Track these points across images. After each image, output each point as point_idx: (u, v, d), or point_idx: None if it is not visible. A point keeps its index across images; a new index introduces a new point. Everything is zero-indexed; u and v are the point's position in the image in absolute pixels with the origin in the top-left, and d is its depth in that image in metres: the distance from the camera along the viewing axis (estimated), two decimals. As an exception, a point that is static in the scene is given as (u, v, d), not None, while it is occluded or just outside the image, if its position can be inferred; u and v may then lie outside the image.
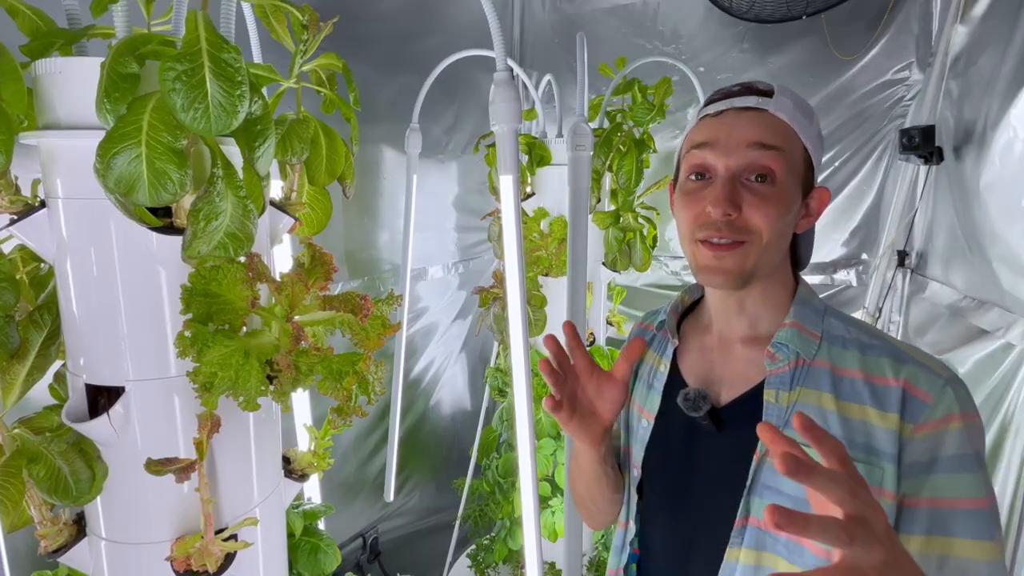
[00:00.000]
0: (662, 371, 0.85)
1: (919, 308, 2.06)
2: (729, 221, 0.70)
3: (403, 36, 2.21)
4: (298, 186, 0.94)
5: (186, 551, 0.76)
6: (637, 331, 0.95)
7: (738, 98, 0.74)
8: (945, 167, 1.90)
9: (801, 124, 0.72)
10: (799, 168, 0.73)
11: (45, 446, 0.75)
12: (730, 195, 0.70)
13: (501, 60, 1.04)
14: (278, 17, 0.86)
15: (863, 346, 0.72)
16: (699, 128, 0.76)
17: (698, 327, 0.86)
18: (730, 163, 0.72)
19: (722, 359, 0.80)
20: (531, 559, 1.26)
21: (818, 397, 0.71)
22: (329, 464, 0.98)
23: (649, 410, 0.85)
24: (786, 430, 0.70)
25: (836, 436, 0.63)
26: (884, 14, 2.12)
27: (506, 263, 1.18)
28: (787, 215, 0.72)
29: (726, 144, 0.72)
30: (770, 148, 0.71)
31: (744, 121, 0.72)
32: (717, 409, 0.77)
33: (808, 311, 0.76)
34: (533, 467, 1.22)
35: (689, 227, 0.75)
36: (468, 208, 2.71)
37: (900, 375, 0.68)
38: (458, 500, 2.37)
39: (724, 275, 0.72)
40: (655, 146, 2.07)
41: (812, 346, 0.73)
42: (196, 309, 0.71)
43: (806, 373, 0.72)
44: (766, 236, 0.71)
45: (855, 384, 0.70)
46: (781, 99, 0.73)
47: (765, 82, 0.75)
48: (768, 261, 0.73)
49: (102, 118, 0.62)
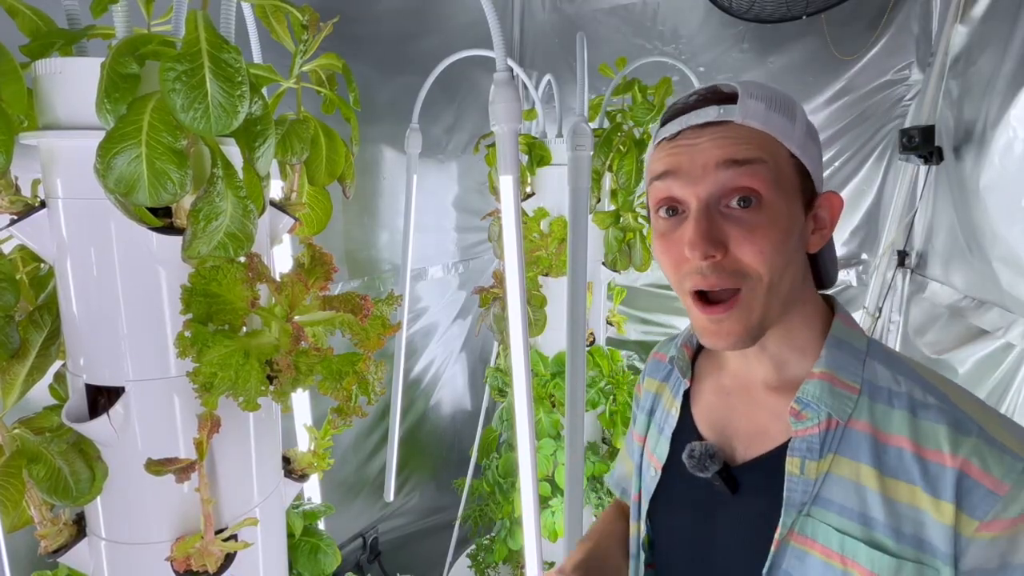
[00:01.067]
0: (673, 415, 0.73)
1: (919, 308, 2.06)
2: (715, 264, 0.57)
3: (403, 36, 2.20)
4: (298, 186, 0.94)
5: (186, 551, 0.76)
6: (651, 365, 0.83)
7: (694, 112, 0.60)
8: (945, 167, 1.90)
9: (780, 126, 0.59)
10: (789, 179, 0.59)
11: (45, 446, 0.75)
12: (707, 232, 0.57)
13: (501, 60, 1.04)
14: (278, 17, 0.86)
15: (915, 405, 0.56)
16: (656, 156, 0.63)
17: (714, 364, 0.73)
18: (700, 191, 0.58)
19: (742, 406, 0.67)
20: (531, 559, 1.26)
21: (855, 470, 0.56)
22: (329, 464, 0.98)
23: (658, 457, 0.73)
24: (814, 508, 0.57)
25: (879, 523, 0.54)
26: (884, 14, 2.12)
27: (506, 263, 1.18)
28: (788, 241, 0.58)
29: (690, 170, 0.59)
30: (745, 163, 0.57)
31: (707, 140, 0.58)
32: (731, 468, 0.64)
33: (845, 355, 0.60)
34: (533, 467, 1.22)
35: (674, 277, 0.62)
36: (468, 208, 2.71)
37: (959, 451, 0.52)
38: (458, 500, 2.36)
39: (727, 338, 0.59)
40: (655, 146, 2.07)
41: (848, 403, 0.58)
42: (196, 309, 0.71)
43: (841, 436, 0.58)
44: (767, 276, 0.57)
45: (903, 456, 0.55)
46: (748, 103, 0.58)
47: (728, 84, 0.61)
48: (778, 303, 0.59)
49: (102, 118, 0.62)
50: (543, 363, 2.00)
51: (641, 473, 0.77)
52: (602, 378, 2.02)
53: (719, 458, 0.64)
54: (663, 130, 0.63)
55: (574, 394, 1.39)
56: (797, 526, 0.58)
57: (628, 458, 0.87)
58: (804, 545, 0.58)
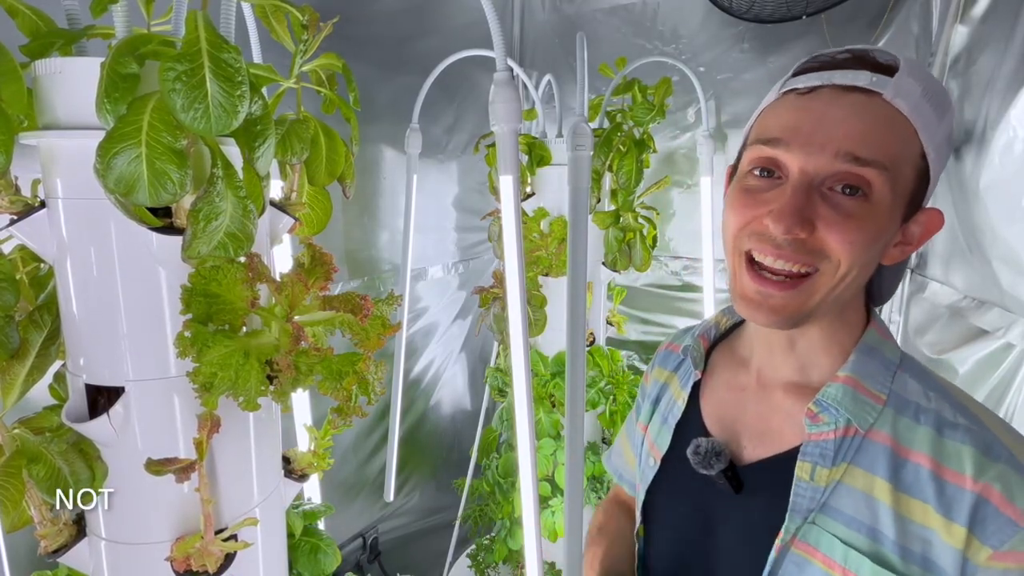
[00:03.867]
0: (679, 405, 0.70)
1: (919, 308, 2.06)
2: (797, 241, 0.52)
3: (403, 36, 2.20)
4: (298, 186, 0.94)
5: (186, 551, 0.76)
6: (662, 354, 0.81)
7: (842, 71, 0.52)
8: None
9: (927, 119, 0.52)
10: (906, 184, 0.53)
11: (45, 446, 0.75)
12: (800, 209, 0.51)
13: (501, 60, 1.04)
14: (278, 17, 0.86)
15: (942, 423, 0.53)
16: (776, 110, 0.56)
17: (733, 359, 0.69)
18: (808, 165, 0.52)
19: (756, 405, 0.64)
20: (531, 559, 1.26)
21: (868, 482, 0.54)
22: (329, 464, 0.98)
23: (659, 448, 0.71)
24: (819, 516, 0.55)
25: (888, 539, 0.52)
26: (884, 14, 2.11)
27: (506, 263, 1.18)
28: (876, 242, 0.53)
29: (808, 141, 0.52)
30: (866, 164, 0.51)
31: (843, 111, 0.51)
32: (736, 467, 0.62)
33: (875, 364, 0.57)
34: (533, 467, 1.22)
35: (735, 233, 0.56)
36: (468, 208, 2.71)
37: (983, 476, 0.50)
38: (458, 500, 2.36)
39: (771, 315, 0.55)
40: (655, 146, 2.07)
41: (871, 412, 0.56)
42: (196, 309, 0.71)
43: (858, 447, 0.55)
44: (844, 266, 0.53)
45: (919, 473, 0.52)
46: (905, 81, 0.51)
47: (887, 53, 0.53)
48: (839, 298, 0.55)
49: (102, 118, 0.62)
50: (543, 363, 2.00)
51: (640, 462, 0.75)
52: (602, 378, 2.02)
53: (725, 456, 0.61)
54: (795, 80, 0.56)
55: (574, 394, 1.39)
56: (800, 533, 0.56)
57: (628, 445, 0.85)
58: (805, 553, 0.56)
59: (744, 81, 2.32)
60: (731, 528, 0.62)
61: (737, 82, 2.33)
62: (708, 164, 2.05)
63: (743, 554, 0.60)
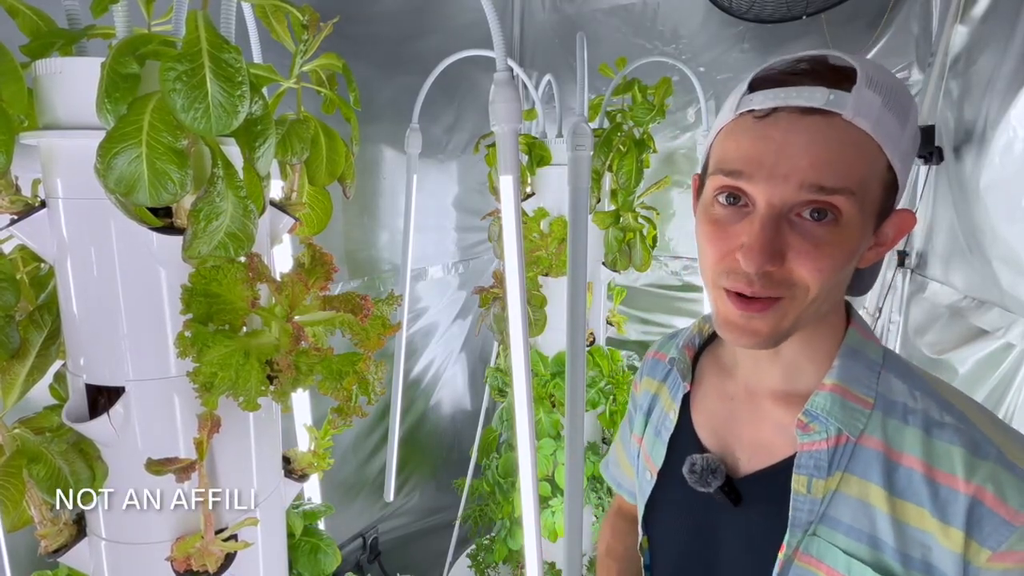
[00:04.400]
0: (671, 418, 0.69)
1: (919, 308, 2.06)
2: (766, 275, 0.52)
3: (403, 36, 2.20)
4: (298, 186, 0.94)
5: (186, 551, 0.76)
6: (649, 364, 0.79)
7: (797, 89, 0.50)
8: (945, 167, 1.90)
9: (890, 130, 0.50)
10: (875, 199, 0.52)
11: (45, 446, 0.75)
12: (770, 241, 0.50)
13: (501, 60, 1.04)
14: (278, 17, 0.86)
15: (930, 423, 0.53)
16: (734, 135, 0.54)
17: (719, 367, 0.69)
18: (774, 198, 0.51)
19: (747, 415, 0.64)
20: (531, 559, 1.26)
21: (864, 489, 0.54)
22: (329, 464, 0.98)
23: (655, 462, 0.70)
24: (820, 527, 0.55)
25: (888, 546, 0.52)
26: (884, 14, 2.12)
27: (506, 263, 1.18)
28: (850, 261, 0.53)
29: (771, 173, 0.50)
30: (833, 192, 0.49)
31: (802, 137, 0.50)
32: (733, 480, 0.62)
33: (859, 366, 0.57)
34: (533, 467, 1.22)
35: (712, 269, 0.56)
36: (468, 208, 2.71)
37: (974, 477, 0.49)
38: (458, 500, 2.36)
39: (752, 337, 0.55)
40: (655, 146, 2.07)
41: (860, 418, 0.55)
42: (196, 309, 0.71)
43: (851, 454, 0.55)
44: (814, 291, 0.52)
45: (912, 477, 0.52)
46: (864, 94, 0.49)
47: (842, 58, 0.52)
48: (812, 315, 0.55)
49: (102, 118, 0.62)
50: (543, 363, 2.00)
51: (638, 476, 0.75)
52: (602, 378, 2.02)
53: (721, 472, 0.61)
54: (752, 97, 0.53)
55: (574, 394, 1.39)
56: (803, 546, 0.56)
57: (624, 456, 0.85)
58: (809, 565, 0.56)
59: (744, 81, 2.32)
60: (733, 540, 0.62)
61: (737, 82, 2.33)
62: (708, 164, 2.05)
63: (746, 565, 0.60)
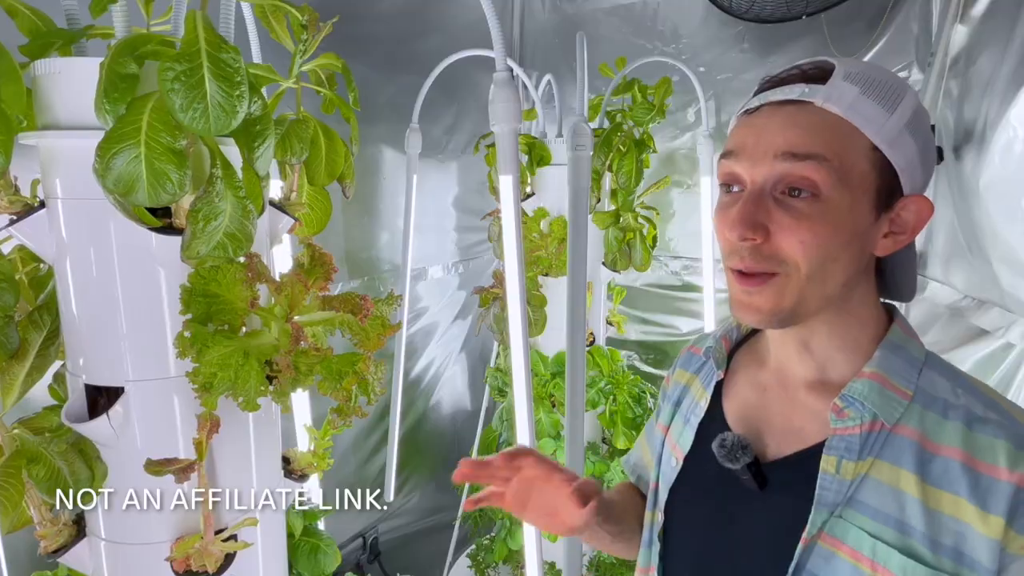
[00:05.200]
0: (702, 405, 0.71)
1: (919, 308, 2.06)
2: (754, 247, 0.56)
3: (403, 36, 2.20)
4: (298, 186, 0.94)
5: (186, 551, 0.76)
6: (684, 357, 0.81)
7: (778, 88, 0.58)
8: (945, 167, 1.90)
9: (868, 115, 0.55)
10: (861, 175, 0.56)
11: (45, 446, 0.75)
12: (750, 215, 0.56)
13: (501, 60, 1.04)
14: (277, 17, 0.86)
15: (972, 419, 0.54)
16: (733, 128, 0.63)
17: (754, 359, 0.71)
18: (756, 175, 0.57)
19: (778, 403, 0.65)
20: (531, 559, 1.26)
21: (895, 475, 0.55)
22: (329, 464, 0.98)
23: (681, 448, 0.72)
24: (846, 510, 0.56)
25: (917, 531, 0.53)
26: (884, 14, 2.11)
27: (506, 263, 1.18)
28: (837, 237, 0.56)
29: (752, 152, 0.57)
30: (804, 158, 0.54)
31: (777, 122, 0.57)
32: (760, 464, 0.62)
33: (900, 361, 0.59)
34: (533, 467, 1.22)
35: (723, 251, 0.61)
36: (468, 208, 2.71)
37: (1018, 467, 0.51)
38: (458, 500, 2.36)
39: (755, 313, 0.58)
40: (655, 146, 2.08)
41: (897, 407, 0.57)
42: (196, 309, 0.71)
43: (884, 441, 0.56)
44: (804, 267, 0.55)
45: (950, 467, 0.53)
46: (838, 85, 0.55)
47: (829, 61, 0.58)
48: (815, 296, 0.57)
49: (101, 118, 0.62)
50: (543, 363, 2.00)
51: (661, 464, 0.76)
52: (602, 378, 2.02)
53: (751, 451, 0.61)
54: (750, 100, 0.61)
55: (574, 394, 1.39)
56: (827, 527, 0.57)
57: (647, 447, 0.86)
58: (832, 546, 0.57)
59: (744, 81, 2.32)
60: (754, 525, 0.63)
61: (737, 82, 2.33)
62: (708, 164, 2.05)
63: (767, 550, 0.60)
